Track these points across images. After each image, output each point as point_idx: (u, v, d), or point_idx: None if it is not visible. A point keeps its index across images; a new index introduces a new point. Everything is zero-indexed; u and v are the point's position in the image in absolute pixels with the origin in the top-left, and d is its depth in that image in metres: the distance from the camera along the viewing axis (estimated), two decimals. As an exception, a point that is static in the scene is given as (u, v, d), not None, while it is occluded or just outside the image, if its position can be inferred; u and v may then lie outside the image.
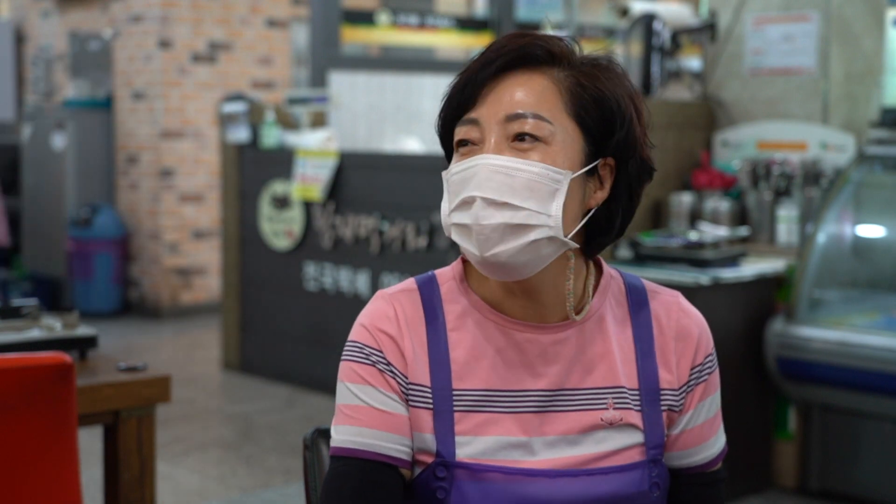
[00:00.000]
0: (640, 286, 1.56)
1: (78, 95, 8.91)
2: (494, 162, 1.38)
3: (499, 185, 1.37)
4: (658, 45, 5.37)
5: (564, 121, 1.41)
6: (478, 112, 1.42)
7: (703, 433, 1.54)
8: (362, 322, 1.49)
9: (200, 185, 8.67)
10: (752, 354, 4.41)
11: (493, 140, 1.40)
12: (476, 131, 1.42)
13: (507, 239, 1.38)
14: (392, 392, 1.44)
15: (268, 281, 6.49)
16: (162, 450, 4.80)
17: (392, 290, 1.52)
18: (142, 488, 2.55)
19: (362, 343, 1.47)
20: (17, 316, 2.67)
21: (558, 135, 1.40)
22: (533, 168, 1.38)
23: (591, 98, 1.42)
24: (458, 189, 1.41)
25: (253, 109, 6.51)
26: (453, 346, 1.47)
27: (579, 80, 1.42)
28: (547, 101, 1.41)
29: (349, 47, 7.45)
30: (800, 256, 4.44)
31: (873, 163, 4.59)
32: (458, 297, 1.50)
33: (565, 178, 1.39)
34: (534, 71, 1.42)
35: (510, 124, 1.40)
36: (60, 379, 2.09)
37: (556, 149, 1.39)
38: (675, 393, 1.51)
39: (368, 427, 1.43)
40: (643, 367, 1.50)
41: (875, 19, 4.88)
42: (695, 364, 1.53)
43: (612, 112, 1.42)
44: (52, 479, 2.12)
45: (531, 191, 1.37)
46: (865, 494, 4.30)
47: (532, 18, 8.47)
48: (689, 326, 1.55)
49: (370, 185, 5.88)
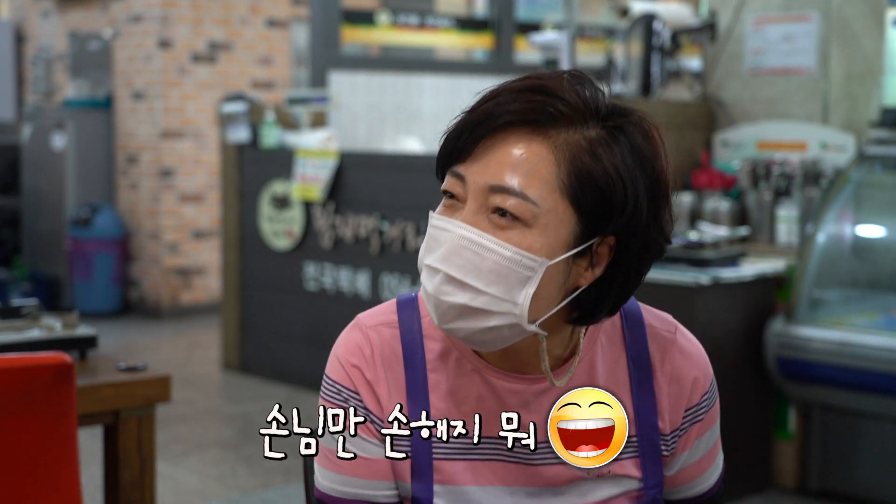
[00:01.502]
0: (637, 317, 1.46)
1: (78, 95, 8.91)
2: (466, 234, 1.27)
3: (465, 262, 1.27)
4: (658, 45, 5.37)
5: (555, 200, 1.27)
6: (466, 168, 1.30)
7: (702, 466, 1.49)
8: (338, 355, 1.42)
9: (200, 185, 8.68)
10: (752, 354, 4.41)
11: (472, 207, 1.29)
12: (460, 188, 1.30)
13: (465, 319, 1.29)
14: (372, 437, 1.39)
15: (268, 281, 6.49)
16: (162, 450, 4.79)
17: (371, 319, 1.44)
18: (142, 488, 2.55)
19: (339, 384, 1.41)
20: (17, 316, 2.67)
21: (542, 217, 1.26)
22: (505, 252, 1.26)
23: (591, 180, 1.27)
24: (430, 246, 1.31)
25: (253, 109, 6.51)
26: (432, 388, 1.40)
27: (583, 157, 1.27)
28: (539, 178, 1.26)
29: (349, 47, 7.45)
30: (800, 256, 4.44)
31: (873, 163, 4.59)
32: (439, 334, 1.41)
33: (540, 267, 1.27)
34: (536, 134, 1.28)
35: (493, 195, 1.27)
36: (60, 379, 2.09)
37: (536, 232, 1.27)
38: (665, 438, 1.43)
39: (352, 475, 1.39)
40: (640, 409, 1.42)
41: (875, 19, 4.88)
42: (690, 406, 1.45)
43: (614, 196, 1.28)
44: (52, 479, 2.12)
45: (498, 275, 1.26)
46: (865, 494, 4.30)
47: (532, 18, 8.47)
48: (685, 369, 1.45)
49: (370, 185, 5.88)
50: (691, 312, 4.17)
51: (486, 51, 7.99)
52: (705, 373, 1.46)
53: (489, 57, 7.95)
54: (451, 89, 7.53)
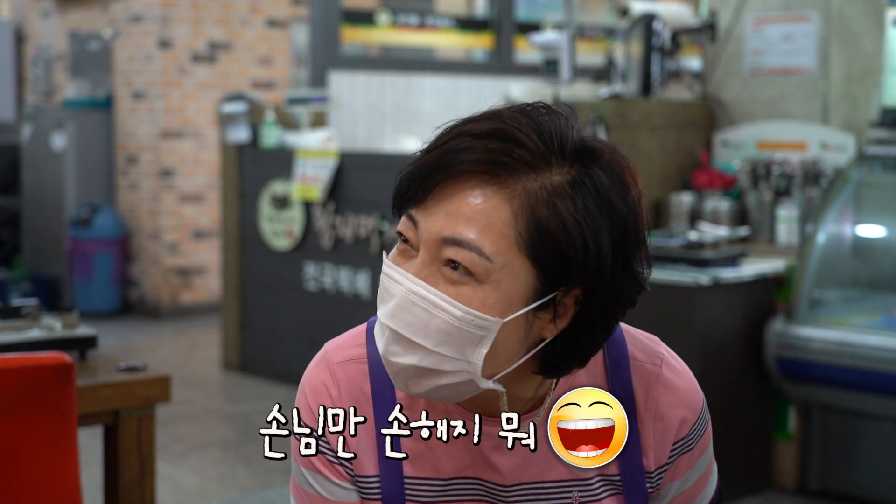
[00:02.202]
0: (621, 347, 1.39)
1: (78, 95, 8.91)
2: (416, 289, 1.20)
3: (414, 319, 1.20)
4: (658, 45, 5.37)
5: (511, 254, 1.20)
6: (419, 213, 1.23)
7: (695, 492, 1.45)
8: (306, 393, 1.38)
9: (200, 185, 8.68)
10: (752, 354, 4.41)
11: (424, 258, 1.22)
12: (413, 233, 1.23)
13: (418, 378, 1.23)
14: (342, 479, 1.36)
15: (268, 281, 6.49)
16: (162, 450, 4.79)
17: (339, 354, 1.38)
18: (142, 488, 2.55)
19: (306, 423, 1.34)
20: (17, 316, 2.67)
21: (496, 273, 1.19)
22: (455, 311, 1.19)
23: (549, 235, 1.20)
24: (382, 296, 1.25)
25: (253, 109, 6.51)
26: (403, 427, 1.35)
27: (541, 210, 1.19)
28: (494, 232, 1.19)
29: (349, 47, 7.45)
30: (800, 256, 4.44)
31: (873, 163, 4.59)
32: None
33: (494, 326, 1.20)
34: (493, 182, 1.20)
35: (445, 247, 1.20)
36: (60, 379, 2.09)
37: (489, 287, 1.19)
38: (650, 475, 1.39)
39: None
40: (624, 449, 1.33)
41: (875, 19, 4.88)
42: (678, 439, 1.39)
43: (573, 249, 1.20)
44: (52, 479, 2.12)
45: (448, 335, 1.20)
46: (865, 494, 4.30)
47: (532, 18, 8.47)
48: (671, 406, 1.38)
49: (370, 185, 5.88)
50: (691, 312, 4.17)
51: (486, 51, 7.99)
52: (693, 407, 1.40)
53: (489, 57, 7.95)
54: (451, 89, 7.53)
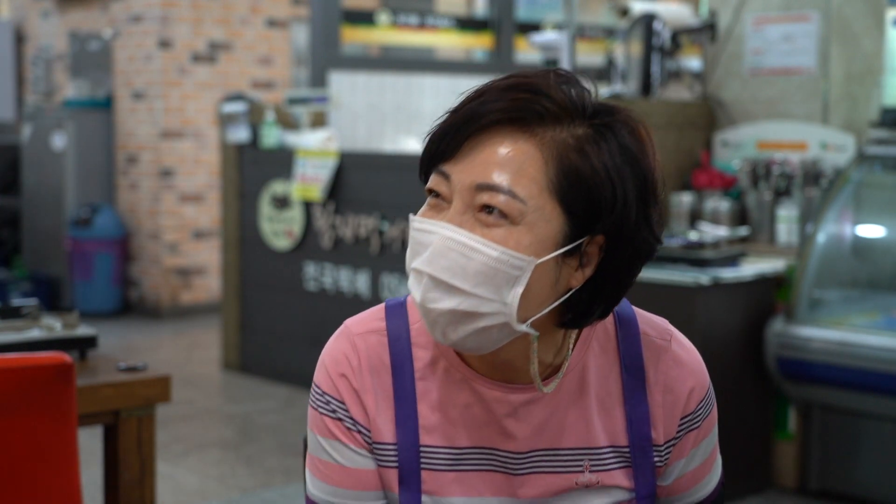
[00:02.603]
0: (632, 324, 1.42)
1: (78, 95, 8.91)
2: (452, 235, 1.24)
3: (451, 264, 1.24)
4: (658, 45, 5.37)
5: (543, 199, 1.24)
6: (451, 167, 1.27)
7: (700, 474, 1.47)
8: (326, 364, 1.41)
9: (200, 185, 8.68)
10: (752, 354, 4.41)
11: (458, 207, 1.26)
12: (446, 187, 1.27)
13: (455, 324, 1.26)
14: (360, 447, 1.38)
15: (268, 281, 6.49)
16: (162, 450, 4.79)
17: (359, 326, 1.42)
18: (142, 488, 2.55)
19: (328, 394, 1.39)
20: (17, 316, 2.67)
21: (530, 215, 1.23)
22: (491, 252, 1.23)
23: (579, 178, 1.24)
24: (415, 249, 1.29)
25: (253, 109, 6.51)
26: (420, 397, 1.38)
27: (570, 154, 1.24)
28: (526, 176, 1.23)
29: (349, 47, 7.45)
30: (800, 256, 4.44)
31: (873, 163, 4.59)
32: (427, 342, 1.39)
33: (528, 266, 1.23)
34: (523, 132, 1.25)
35: (479, 193, 1.24)
36: (60, 379, 2.09)
37: (523, 229, 1.23)
38: (658, 449, 1.41)
39: (341, 487, 1.38)
40: (633, 421, 1.39)
41: (875, 19, 4.88)
42: (685, 414, 1.42)
43: (602, 195, 1.25)
44: (52, 479, 2.12)
45: (486, 276, 1.23)
46: (865, 494, 4.30)
47: (532, 18, 8.47)
48: (680, 378, 1.41)
49: (370, 185, 5.88)
50: (691, 312, 4.17)
51: (486, 51, 7.99)
52: (701, 382, 1.43)
53: (489, 57, 7.95)
54: (451, 89, 7.52)
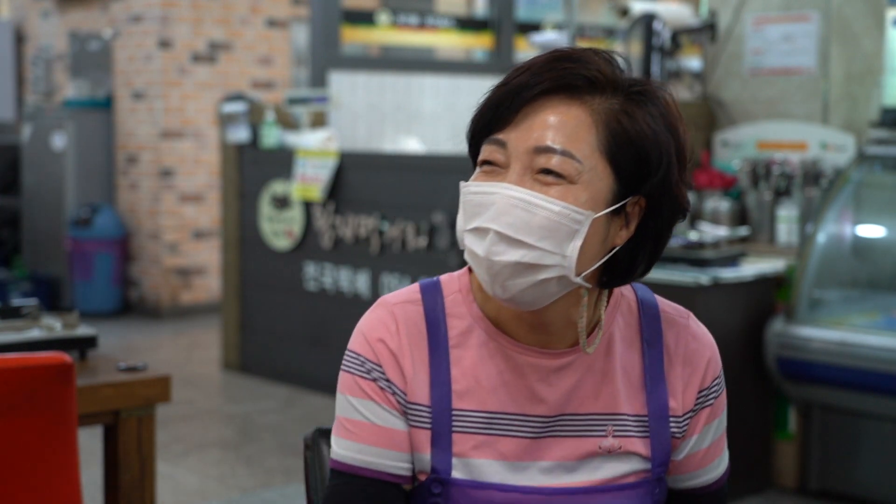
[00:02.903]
0: (652, 304, 1.52)
1: (78, 95, 8.91)
2: (514, 194, 1.32)
3: (515, 219, 1.32)
4: (658, 45, 5.37)
5: (595, 159, 1.33)
6: (507, 135, 1.35)
7: (709, 455, 1.52)
8: (363, 331, 1.46)
9: (200, 185, 8.68)
10: (752, 354, 4.41)
11: (517, 169, 1.34)
12: (501, 154, 1.35)
13: (516, 276, 1.33)
14: (392, 408, 1.42)
15: (268, 281, 6.49)
16: (162, 450, 4.79)
17: (395, 298, 1.48)
18: (142, 488, 2.55)
19: (363, 356, 1.44)
20: (17, 316, 2.67)
21: (585, 174, 1.33)
22: (553, 206, 1.31)
23: (628, 139, 1.34)
24: (475, 211, 1.36)
25: (253, 109, 6.51)
26: (454, 363, 1.44)
27: (619, 118, 1.35)
28: (579, 138, 1.33)
29: (349, 47, 7.45)
30: (800, 256, 4.44)
31: (873, 163, 4.59)
32: (462, 312, 1.46)
33: (586, 220, 1.33)
34: (573, 99, 1.35)
35: (537, 156, 1.33)
36: (60, 379, 2.09)
37: (580, 187, 1.33)
38: (678, 420, 1.48)
39: (369, 444, 1.42)
40: (652, 392, 1.47)
41: (875, 19, 4.88)
42: (702, 388, 1.50)
43: (649, 155, 1.35)
44: (52, 479, 2.12)
45: (548, 230, 1.32)
46: (865, 494, 4.30)
47: (532, 18, 8.47)
48: (699, 350, 1.51)
49: (370, 185, 5.88)
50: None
51: (486, 51, 7.99)
52: (716, 358, 1.52)
53: (489, 57, 7.95)
54: (451, 89, 7.52)
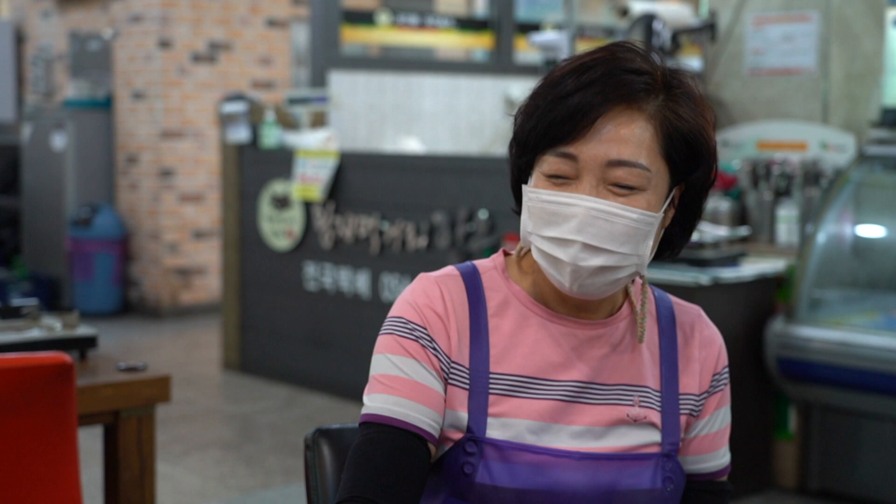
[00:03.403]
0: (665, 298, 1.63)
1: (78, 95, 8.91)
2: (596, 206, 1.41)
3: (599, 230, 1.41)
4: (658, 45, 5.37)
5: (658, 163, 1.43)
6: (577, 148, 1.42)
7: (716, 442, 1.60)
8: (408, 299, 1.52)
9: (200, 185, 8.67)
10: (752, 354, 4.41)
11: (591, 181, 1.42)
12: (571, 167, 1.43)
13: (598, 276, 1.44)
14: (432, 368, 1.48)
15: (268, 281, 6.49)
16: (162, 450, 4.80)
17: (436, 273, 1.56)
18: (142, 488, 2.55)
19: (407, 319, 1.50)
20: (17, 316, 2.67)
21: (654, 179, 1.43)
22: (632, 215, 1.41)
23: (682, 138, 1.44)
24: (551, 219, 1.43)
25: (253, 109, 6.51)
26: (493, 330, 1.51)
27: (671, 119, 1.44)
28: (646, 147, 1.42)
29: (349, 47, 7.45)
30: (800, 256, 4.44)
31: (873, 163, 4.59)
32: (499, 285, 1.55)
33: (657, 220, 1.44)
34: (631, 108, 1.43)
35: (611, 170, 1.41)
36: (60, 379, 2.09)
37: (650, 192, 1.43)
38: (696, 398, 1.57)
39: (405, 397, 1.46)
40: (666, 371, 1.56)
41: (875, 19, 4.88)
42: (716, 372, 1.60)
43: (700, 149, 1.45)
44: (52, 479, 2.12)
45: (628, 237, 1.42)
46: (865, 494, 4.30)
47: (532, 18, 8.47)
48: (712, 336, 1.61)
49: (370, 185, 5.88)
50: (691, 312, 4.16)
51: (486, 51, 7.99)
52: (724, 348, 1.62)
53: (489, 57, 7.95)
54: (451, 89, 7.53)
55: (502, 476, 1.46)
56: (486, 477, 1.46)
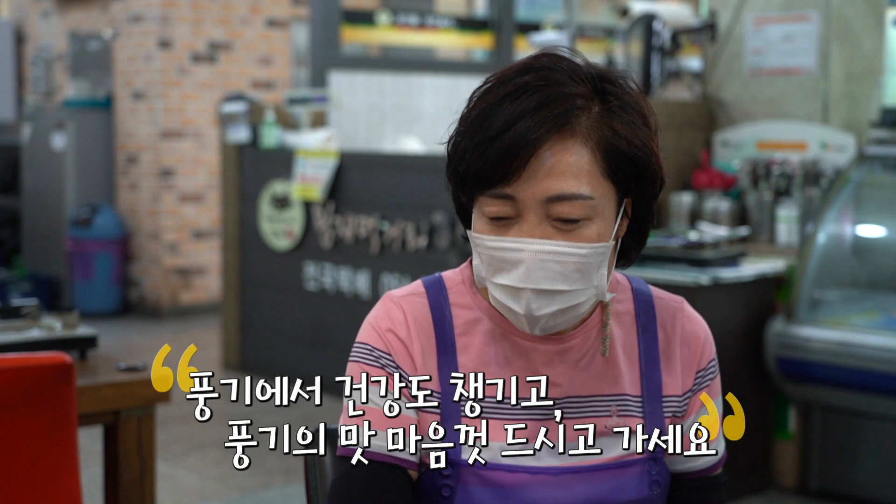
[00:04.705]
0: (646, 292, 1.56)
1: (78, 95, 8.91)
2: (543, 248, 1.35)
3: (549, 273, 1.35)
4: (658, 45, 5.37)
5: (602, 186, 1.36)
6: (513, 189, 1.35)
7: None
8: (371, 323, 1.49)
9: (200, 185, 8.67)
10: (752, 354, 4.41)
11: (533, 220, 1.35)
12: (511, 207, 1.36)
13: (555, 318, 1.39)
14: (401, 395, 1.43)
15: (268, 281, 6.49)
16: (162, 450, 4.79)
17: (400, 292, 1.51)
18: (142, 488, 2.55)
19: (371, 345, 1.47)
20: (17, 316, 2.67)
21: (599, 206, 1.36)
22: (581, 251, 1.35)
23: (623, 156, 1.37)
24: (499, 266, 1.38)
25: (253, 109, 6.51)
26: (461, 350, 1.47)
27: (609, 138, 1.36)
28: (586, 174, 1.35)
29: (349, 47, 7.45)
30: (800, 256, 4.44)
31: (873, 163, 4.59)
32: (466, 302, 1.50)
33: (609, 248, 1.38)
34: (566, 134, 1.34)
35: (553, 206, 1.34)
36: (60, 379, 2.09)
37: (598, 221, 1.36)
38: (678, 399, 1.52)
39: (378, 428, 1.43)
40: (647, 373, 1.51)
41: (875, 19, 4.88)
42: (699, 369, 1.55)
43: (642, 161, 1.38)
44: (52, 479, 2.12)
45: (581, 273, 1.36)
46: (865, 494, 4.30)
47: (532, 18, 8.47)
48: (694, 331, 1.55)
49: (370, 185, 5.88)
50: (691, 312, 4.17)
51: (486, 51, 7.99)
52: (711, 341, 1.57)
53: (489, 57, 7.95)
54: (451, 89, 7.53)
55: (483, 498, 1.43)
56: (464, 500, 1.43)
